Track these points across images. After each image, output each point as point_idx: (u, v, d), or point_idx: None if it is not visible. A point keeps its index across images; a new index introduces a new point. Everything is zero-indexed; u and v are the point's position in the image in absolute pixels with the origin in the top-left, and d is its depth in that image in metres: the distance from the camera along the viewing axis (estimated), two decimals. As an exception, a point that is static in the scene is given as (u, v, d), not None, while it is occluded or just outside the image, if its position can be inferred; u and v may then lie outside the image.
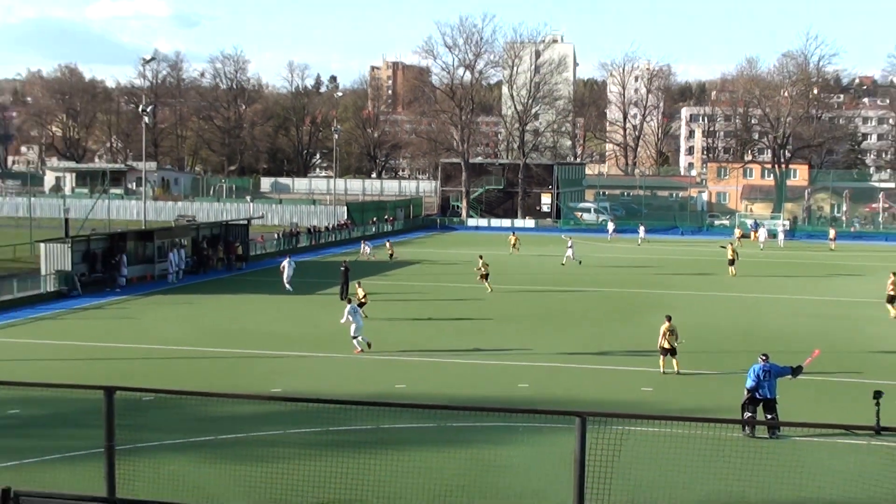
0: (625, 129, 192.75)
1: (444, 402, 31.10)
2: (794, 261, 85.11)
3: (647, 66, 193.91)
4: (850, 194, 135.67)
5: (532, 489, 23.49)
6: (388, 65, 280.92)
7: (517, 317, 52.01)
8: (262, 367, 38.65)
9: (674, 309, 54.45)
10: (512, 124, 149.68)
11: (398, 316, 51.52)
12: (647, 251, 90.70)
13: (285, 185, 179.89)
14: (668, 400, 33.26)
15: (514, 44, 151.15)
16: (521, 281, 67.12)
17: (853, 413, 29.64)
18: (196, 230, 75.44)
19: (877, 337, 46.97)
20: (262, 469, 23.29)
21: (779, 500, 22.70)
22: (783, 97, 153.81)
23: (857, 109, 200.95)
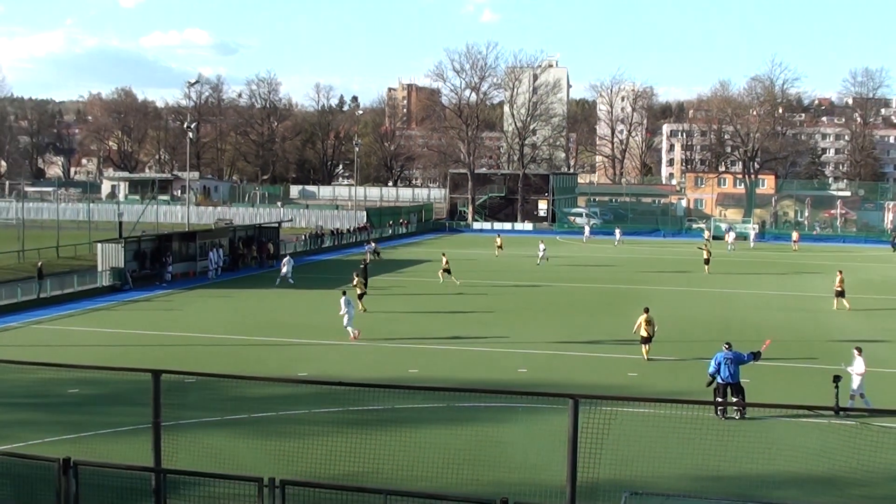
0: (612, 143, 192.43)
1: (452, 384, 31.02)
2: (762, 260, 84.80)
3: (633, 88, 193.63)
4: (812, 201, 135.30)
5: (530, 463, 23.38)
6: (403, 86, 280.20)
7: (515, 309, 51.85)
8: (291, 353, 38.57)
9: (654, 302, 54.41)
10: (512, 139, 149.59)
11: (410, 308, 51.41)
12: (629, 251, 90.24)
13: (312, 192, 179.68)
14: (652, 384, 33.11)
15: (515, 68, 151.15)
16: (516, 278, 66.97)
17: (816, 395, 29.48)
18: (233, 232, 75.41)
19: (835, 327, 46.84)
20: (291, 444, 23.20)
21: (751, 473, 22.56)
22: (752, 115, 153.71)
23: (816, 127, 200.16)
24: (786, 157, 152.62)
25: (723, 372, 28.36)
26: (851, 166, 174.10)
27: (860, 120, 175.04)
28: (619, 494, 17.47)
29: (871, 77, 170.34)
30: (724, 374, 28.31)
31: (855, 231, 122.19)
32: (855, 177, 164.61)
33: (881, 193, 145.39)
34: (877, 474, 21.80)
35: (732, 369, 28.33)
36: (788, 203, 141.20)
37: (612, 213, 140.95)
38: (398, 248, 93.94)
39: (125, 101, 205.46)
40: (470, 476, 20.91)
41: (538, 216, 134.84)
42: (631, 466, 21.09)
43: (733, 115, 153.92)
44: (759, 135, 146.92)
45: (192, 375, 22.62)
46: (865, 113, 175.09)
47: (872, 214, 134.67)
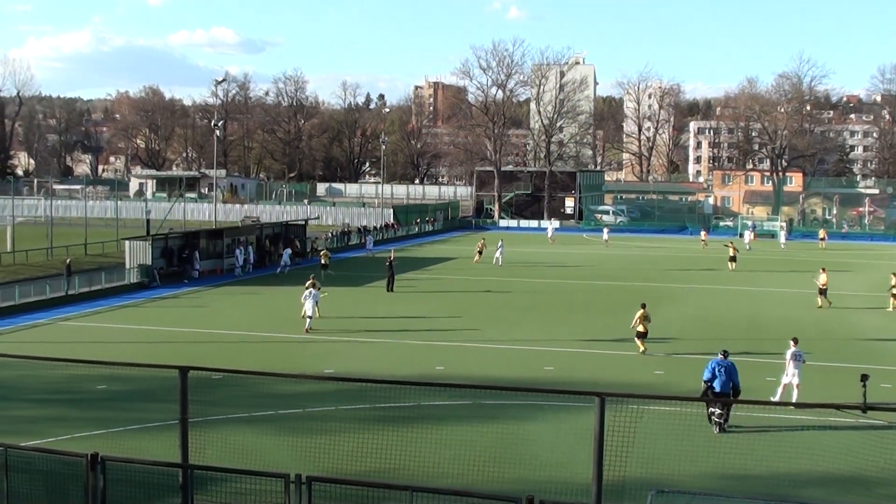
0: (639, 141, 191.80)
1: (478, 382, 31.04)
2: (789, 258, 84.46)
3: (660, 85, 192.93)
4: (840, 199, 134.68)
5: (556, 461, 23.37)
6: (429, 84, 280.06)
7: (542, 307, 51.83)
8: (317, 350, 38.67)
9: (680, 301, 54.36)
10: (539, 136, 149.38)
11: (436, 305, 51.44)
12: (655, 248, 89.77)
13: (338, 189, 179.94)
14: (679, 382, 33.02)
15: (541, 65, 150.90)
16: (541, 275, 66.91)
17: (843, 394, 29.34)
18: (260, 229, 75.65)
19: (863, 326, 46.65)
20: (317, 440, 23.27)
21: (777, 472, 22.51)
22: (780, 113, 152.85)
23: (845, 124, 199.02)
24: (813, 154, 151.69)
25: (716, 382, 27.22)
26: (880, 164, 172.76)
27: (889, 117, 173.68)
28: (646, 493, 17.44)
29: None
30: (718, 384, 27.17)
31: (883, 229, 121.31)
32: (883, 174, 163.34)
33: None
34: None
35: (724, 380, 27.26)
36: (816, 201, 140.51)
37: (638, 211, 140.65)
38: (424, 246, 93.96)
39: (153, 100, 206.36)
40: (496, 474, 20.92)
41: (564, 213, 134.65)
42: (657, 465, 21.04)
43: (761, 112, 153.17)
44: (787, 132, 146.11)
45: (220, 372, 22.76)
46: (894, 110, 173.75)
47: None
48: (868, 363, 35.67)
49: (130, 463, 16.64)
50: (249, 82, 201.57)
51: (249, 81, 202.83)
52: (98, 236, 77.94)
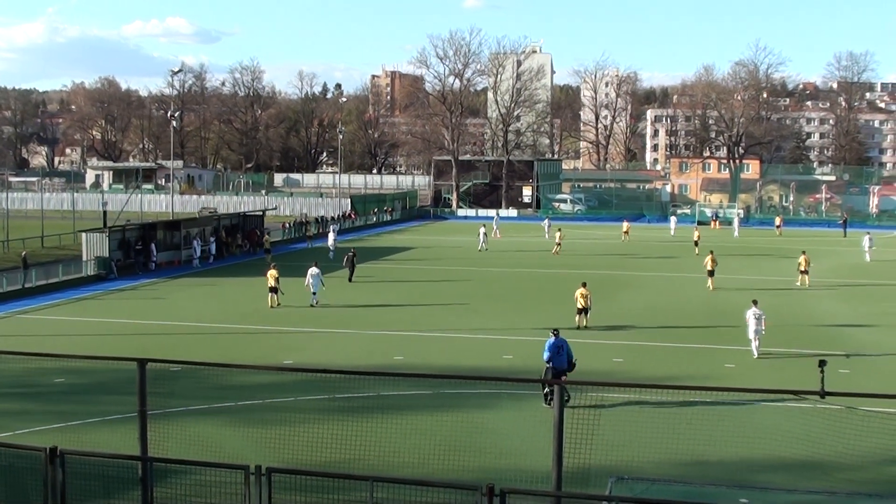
0: (597, 129, 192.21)
1: (437, 371, 31.11)
2: (745, 245, 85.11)
3: (617, 74, 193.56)
4: (796, 186, 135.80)
5: (516, 449, 23.47)
6: (386, 73, 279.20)
7: (501, 296, 51.97)
8: (276, 341, 38.59)
9: (638, 288, 54.70)
10: (496, 125, 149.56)
11: (395, 295, 51.44)
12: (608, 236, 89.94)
13: (296, 179, 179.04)
14: (638, 369, 33.28)
15: (498, 54, 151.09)
16: (502, 264, 67.08)
17: (801, 380, 29.67)
18: (217, 220, 75.33)
19: (819, 312, 47.14)
20: (276, 431, 23.27)
21: (736, 458, 22.73)
22: (736, 100, 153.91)
23: (801, 111, 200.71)
24: (770, 141, 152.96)
25: (556, 359, 27.95)
26: (836, 150, 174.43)
27: (845, 104, 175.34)
28: (606, 480, 17.58)
29: (855, 61, 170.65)
30: (557, 361, 27.90)
31: (839, 215, 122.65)
32: (840, 161, 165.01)
33: (866, 177, 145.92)
34: (862, 458, 21.97)
35: (562, 357, 27.99)
36: (773, 188, 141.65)
37: (596, 200, 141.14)
38: (382, 236, 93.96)
39: (108, 91, 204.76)
40: (456, 463, 20.99)
41: (522, 202, 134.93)
42: (617, 452, 21.18)
43: (717, 100, 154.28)
44: (744, 120, 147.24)
45: (178, 364, 22.69)
46: (850, 97, 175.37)
47: (857, 199, 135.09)
48: (826, 349, 36.11)
49: (90, 456, 16.58)
50: (205, 73, 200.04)
51: (205, 72, 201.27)
52: (55, 228, 77.29)
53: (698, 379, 31.45)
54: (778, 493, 19.62)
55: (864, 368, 33.92)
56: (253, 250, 73.55)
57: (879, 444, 22.08)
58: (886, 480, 21.55)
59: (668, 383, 29.78)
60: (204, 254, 66.50)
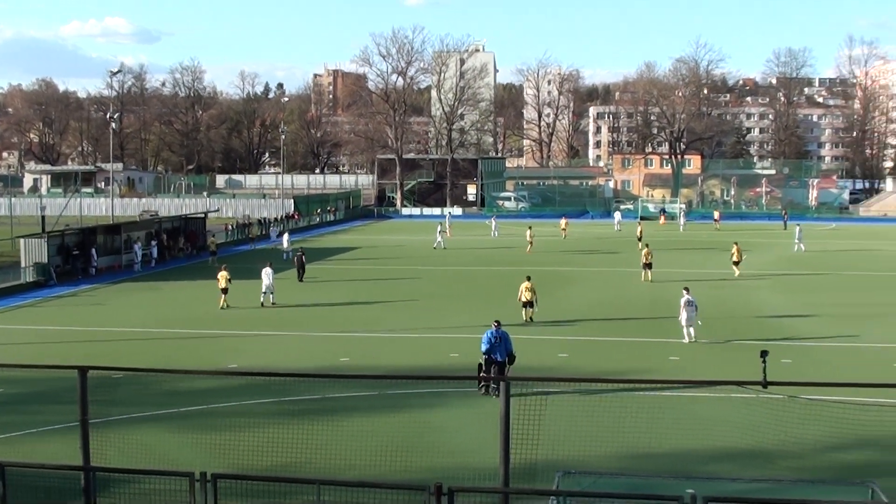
0: (540, 127, 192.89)
1: (383, 372, 31.10)
2: (686, 238, 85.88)
3: (559, 72, 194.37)
4: (737, 180, 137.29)
5: (464, 447, 23.50)
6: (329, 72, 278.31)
7: (446, 294, 52.04)
8: (221, 345, 38.30)
9: (582, 284, 55.01)
10: (440, 124, 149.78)
11: (340, 296, 51.29)
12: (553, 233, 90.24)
13: (238, 181, 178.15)
14: (583, 364, 33.43)
15: (441, 53, 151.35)
16: (447, 263, 67.18)
17: (743, 370, 29.97)
18: (158, 224, 74.71)
19: (759, 303, 47.72)
20: (222, 437, 23.11)
21: (682, 449, 22.94)
22: (678, 97, 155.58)
23: (741, 107, 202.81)
24: (711, 137, 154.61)
25: (495, 351, 28.58)
26: (776, 145, 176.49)
27: (784, 99, 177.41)
28: (553, 474, 17.62)
29: (794, 57, 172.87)
30: (495, 352, 28.56)
31: (780, 208, 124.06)
32: (779, 155, 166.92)
33: (805, 171, 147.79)
34: (805, 446, 22.30)
35: (501, 349, 28.62)
36: (714, 182, 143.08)
37: (540, 197, 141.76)
38: (326, 236, 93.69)
39: (46, 92, 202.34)
40: (404, 463, 20.98)
41: (467, 200, 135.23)
42: (564, 446, 21.27)
43: (659, 96, 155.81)
44: (685, 115, 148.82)
45: (120, 371, 22.41)
46: (789, 92, 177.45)
47: (797, 192, 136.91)
48: (767, 339, 36.56)
49: (30, 468, 16.39)
50: (145, 73, 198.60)
51: (145, 72, 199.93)
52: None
53: (643, 372, 31.75)
54: (723, 483, 19.77)
55: (805, 358, 34.36)
56: (195, 253, 73.09)
57: (821, 432, 22.37)
58: (829, 467, 21.84)
59: (614, 377, 30.02)
60: (145, 258, 65.91)
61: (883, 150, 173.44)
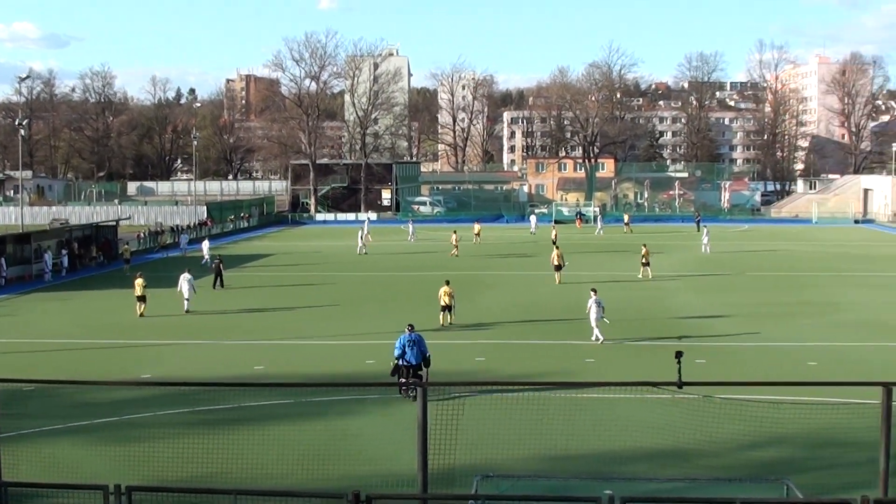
0: (454, 132, 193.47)
1: (299, 380, 30.95)
2: (609, 242, 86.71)
3: (473, 76, 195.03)
4: (650, 183, 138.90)
5: (382, 454, 23.46)
6: (241, 77, 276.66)
7: (363, 300, 51.89)
8: (134, 355, 37.77)
9: (498, 288, 55.25)
10: (354, 128, 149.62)
11: (254, 303, 50.92)
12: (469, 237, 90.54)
13: (150, 188, 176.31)
14: (500, 368, 33.57)
15: (355, 57, 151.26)
16: (362, 268, 67.08)
17: (658, 370, 30.30)
18: (69, 232, 73.51)
19: (673, 304, 48.31)
20: (136, 449, 22.82)
21: (599, 450, 23.12)
22: (591, 101, 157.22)
23: (654, 111, 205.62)
24: (624, 140, 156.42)
25: (407, 354, 28.93)
26: (688, 148, 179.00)
27: (696, 103, 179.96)
28: (471, 479, 17.68)
29: (705, 61, 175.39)
30: (409, 355, 28.91)
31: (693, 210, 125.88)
32: (692, 158, 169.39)
33: (717, 174, 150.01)
34: (720, 445, 22.65)
35: (414, 352, 28.95)
36: (628, 185, 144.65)
37: (455, 201, 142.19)
38: (240, 243, 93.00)
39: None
40: (321, 471, 20.92)
41: (382, 205, 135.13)
42: (483, 450, 21.36)
43: (572, 101, 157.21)
44: (598, 120, 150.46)
45: (31, 383, 22.09)
46: (701, 96, 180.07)
47: (710, 194, 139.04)
48: (682, 340, 37.07)
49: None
50: (54, 79, 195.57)
51: (54, 78, 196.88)
52: None
53: (559, 374, 32.00)
54: (641, 483, 20.03)
55: (719, 358, 34.87)
56: (107, 262, 72.06)
57: (736, 430, 22.76)
58: (744, 464, 22.16)
59: (531, 380, 30.20)
60: (56, 267, 64.76)
61: (793, 152, 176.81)
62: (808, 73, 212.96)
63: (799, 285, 56.43)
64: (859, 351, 36.85)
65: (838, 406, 24.88)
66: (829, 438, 23.96)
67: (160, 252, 79.91)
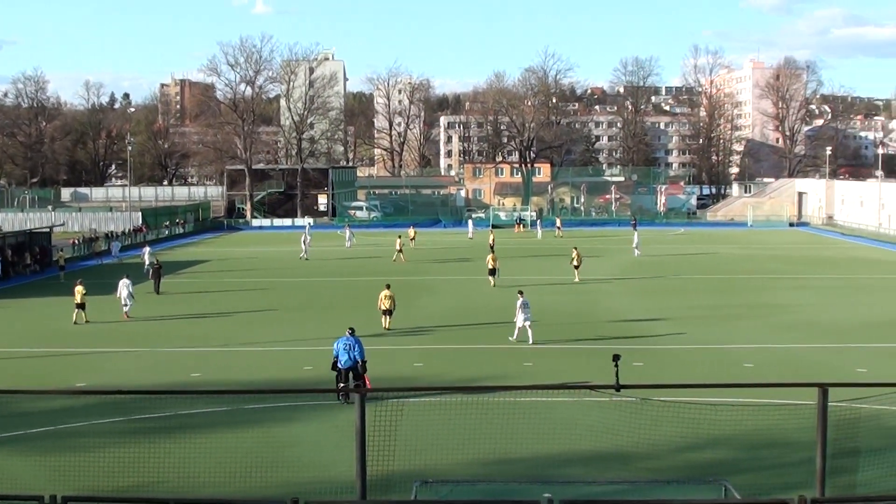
0: (391, 136, 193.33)
1: (236, 387, 30.77)
2: (549, 246, 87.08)
3: (409, 81, 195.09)
4: (587, 188, 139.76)
5: (321, 461, 23.39)
6: (176, 82, 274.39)
7: (299, 306, 51.69)
8: (69, 363, 37.30)
9: (436, 293, 55.29)
10: (290, 133, 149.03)
11: (190, 310, 50.54)
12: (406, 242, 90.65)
13: (84, 194, 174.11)
14: (438, 373, 33.60)
15: (290, 62, 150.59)
16: (299, 274, 66.83)
17: (597, 373, 30.49)
18: (2, 239, 72.43)
19: (608, 308, 48.65)
20: (71, 458, 22.53)
21: (539, 454, 23.20)
22: (527, 106, 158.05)
23: (589, 115, 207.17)
24: (561, 145, 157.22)
25: (342, 357, 29.16)
26: (624, 152, 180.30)
27: (631, 108, 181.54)
28: (410, 485, 17.67)
29: (640, 66, 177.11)
30: (344, 359, 29.11)
31: (629, 215, 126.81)
32: (628, 162, 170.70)
33: (653, 178, 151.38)
34: (659, 447, 22.85)
35: (352, 354, 29.15)
36: (564, 190, 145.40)
37: (392, 206, 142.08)
38: (176, 249, 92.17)
39: None
40: (260, 479, 20.81)
41: (318, 210, 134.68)
42: (421, 456, 21.36)
43: (509, 105, 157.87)
44: (535, 124, 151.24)
45: (-39, 393, 21.76)
46: (636, 101, 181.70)
47: (646, 198, 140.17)
48: (619, 343, 37.36)
49: None
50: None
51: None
52: None
53: (498, 378, 32.07)
54: (580, 486, 20.12)
55: (656, 360, 35.19)
56: (39, 270, 71.08)
57: (674, 432, 22.97)
58: (683, 466, 22.38)
59: (469, 384, 30.23)
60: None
61: (728, 156, 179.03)
62: (742, 78, 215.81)
63: (734, 288, 57.10)
64: (795, 352, 37.40)
65: (775, 407, 25.26)
66: (766, 439, 24.26)
67: (95, 259, 79.01)
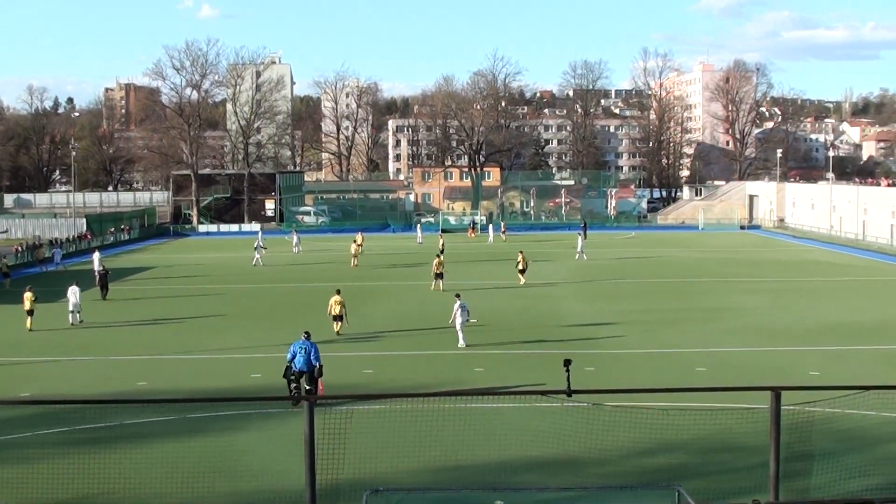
0: (339, 140, 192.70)
1: (182, 395, 30.46)
2: (500, 250, 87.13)
3: (357, 84, 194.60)
4: (537, 192, 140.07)
5: (269, 470, 23.20)
6: (120, 86, 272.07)
7: (246, 313, 51.33)
8: (11, 372, 36.76)
9: (384, 298, 55.16)
10: (237, 138, 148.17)
11: (136, 317, 50.03)
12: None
13: (27, 200, 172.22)
14: (389, 379, 33.49)
15: (237, 65, 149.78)
16: (246, 281, 66.42)
17: (549, 378, 30.51)
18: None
19: (559, 312, 48.73)
20: (14, 470, 22.22)
21: (490, 460, 23.18)
22: (476, 110, 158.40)
23: (539, 119, 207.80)
24: (510, 149, 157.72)
25: (297, 361, 29.62)
26: (574, 156, 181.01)
27: (581, 111, 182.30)
28: (361, 493, 17.54)
29: (590, 69, 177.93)
30: (299, 362, 29.59)
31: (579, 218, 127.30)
32: (578, 166, 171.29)
33: (603, 181, 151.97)
34: (611, 452, 22.86)
35: (306, 359, 29.61)
36: (514, 194, 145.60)
37: (340, 211, 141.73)
38: (121, 256, 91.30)
39: None
40: (208, 488, 20.60)
41: (266, 216, 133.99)
42: (372, 464, 21.26)
43: (457, 109, 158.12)
44: (484, 128, 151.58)
45: None
46: (586, 104, 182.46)
47: (596, 202, 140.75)
48: (570, 347, 37.42)
49: None
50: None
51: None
52: None
53: (448, 384, 32.04)
54: (532, 493, 20.12)
55: (608, 365, 35.28)
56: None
57: (626, 437, 22.98)
58: (636, 472, 22.43)
59: (419, 391, 30.12)
60: (-72, 283, 62.95)
61: (679, 159, 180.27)
62: (692, 81, 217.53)
63: (685, 291, 57.42)
64: (747, 356, 37.62)
65: (728, 411, 25.36)
66: (719, 444, 24.37)
67: (38, 266, 78.08)
